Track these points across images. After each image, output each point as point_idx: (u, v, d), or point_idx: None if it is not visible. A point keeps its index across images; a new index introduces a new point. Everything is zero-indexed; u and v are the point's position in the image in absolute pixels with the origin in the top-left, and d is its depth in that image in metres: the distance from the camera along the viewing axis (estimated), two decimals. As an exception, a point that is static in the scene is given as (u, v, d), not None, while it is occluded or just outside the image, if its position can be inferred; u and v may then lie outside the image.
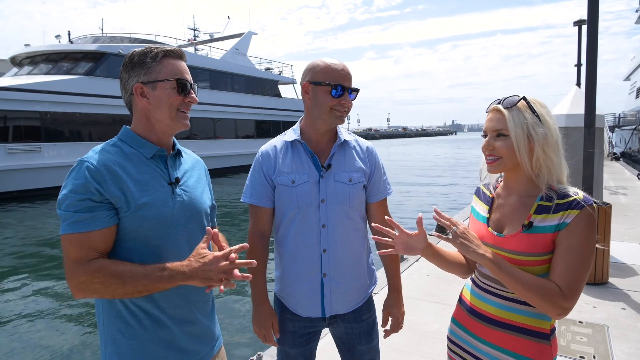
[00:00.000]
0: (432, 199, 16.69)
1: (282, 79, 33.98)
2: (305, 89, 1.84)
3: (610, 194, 11.36)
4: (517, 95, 1.47)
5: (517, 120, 1.43)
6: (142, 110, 1.52)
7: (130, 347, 1.43)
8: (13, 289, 7.60)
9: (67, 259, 1.34)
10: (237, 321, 5.86)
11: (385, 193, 1.98)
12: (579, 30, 13.18)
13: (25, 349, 5.30)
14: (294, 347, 1.95)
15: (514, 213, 1.51)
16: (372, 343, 2.02)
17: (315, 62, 1.83)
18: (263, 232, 1.94)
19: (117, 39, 24.13)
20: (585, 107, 5.09)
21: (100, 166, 1.37)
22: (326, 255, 1.85)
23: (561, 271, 1.36)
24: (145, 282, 1.32)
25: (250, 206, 1.93)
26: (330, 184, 1.84)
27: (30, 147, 18.26)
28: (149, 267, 1.34)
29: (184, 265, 1.35)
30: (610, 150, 24.81)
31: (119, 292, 1.33)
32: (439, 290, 4.91)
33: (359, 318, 1.97)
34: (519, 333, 1.46)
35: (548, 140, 1.42)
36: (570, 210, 1.37)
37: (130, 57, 1.50)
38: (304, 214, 1.84)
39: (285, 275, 1.93)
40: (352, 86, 1.83)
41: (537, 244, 1.41)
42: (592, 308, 4.31)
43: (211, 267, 1.32)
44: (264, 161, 1.90)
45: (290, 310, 1.95)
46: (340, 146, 1.90)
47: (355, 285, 1.93)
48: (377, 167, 1.95)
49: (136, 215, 1.40)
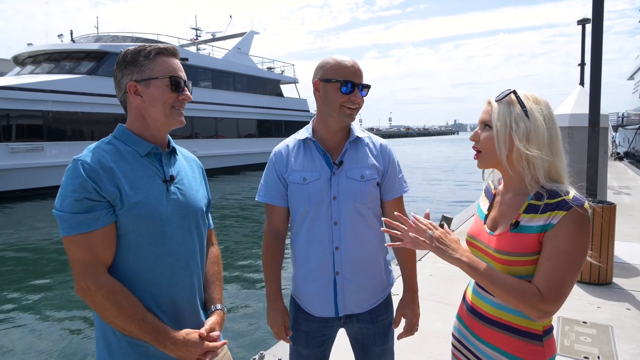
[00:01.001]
0: (443, 196, 16.68)
1: (284, 79, 33.97)
2: (316, 86, 1.84)
3: (614, 193, 11.33)
4: (510, 88, 1.46)
5: (501, 113, 1.41)
6: (137, 108, 1.52)
7: (119, 344, 1.44)
8: (13, 287, 7.61)
9: (74, 260, 1.37)
10: (240, 320, 5.86)
11: (401, 191, 1.94)
12: (583, 29, 13.14)
13: (26, 345, 5.31)
14: (306, 347, 1.94)
15: (507, 211, 1.49)
16: (387, 345, 1.98)
17: (326, 60, 1.82)
18: (278, 231, 1.95)
19: (120, 38, 24.14)
20: (589, 106, 5.07)
21: (95, 164, 1.38)
22: (338, 253, 1.83)
23: (544, 274, 1.33)
24: (135, 330, 1.37)
25: (265, 205, 1.94)
26: (342, 180, 1.82)
27: (33, 146, 18.29)
28: (147, 318, 1.39)
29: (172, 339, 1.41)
30: (613, 150, 24.74)
31: (107, 318, 1.38)
32: (441, 289, 4.89)
33: (375, 319, 1.93)
34: (510, 332, 1.44)
35: (531, 137, 1.38)
36: (557, 211, 1.33)
37: (124, 55, 1.50)
38: (316, 211, 1.82)
39: (298, 273, 1.93)
40: (363, 82, 1.81)
41: (523, 244, 1.38)
42: (596, 308, 4.29)
43: (192, 349, 1.42)
44: (276, 160, 1.91)
45: (304, 310, 1.93)
46: (352, 143, 1.88)
47: (369, 284, 1.90)
48: (391, 165, 1.92)
49: (131, 212, 1.40)
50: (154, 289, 1.46)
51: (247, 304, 6.43)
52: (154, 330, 1.38)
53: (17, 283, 7.86)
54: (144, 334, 1.38)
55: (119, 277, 1.41)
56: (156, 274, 1.46)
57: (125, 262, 1.43)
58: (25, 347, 5.31)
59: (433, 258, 6.11)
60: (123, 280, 1.41)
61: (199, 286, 1.63)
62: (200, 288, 1.64)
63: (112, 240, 1.40)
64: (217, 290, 1.70)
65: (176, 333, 1.42)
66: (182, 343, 1.41)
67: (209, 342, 1.47)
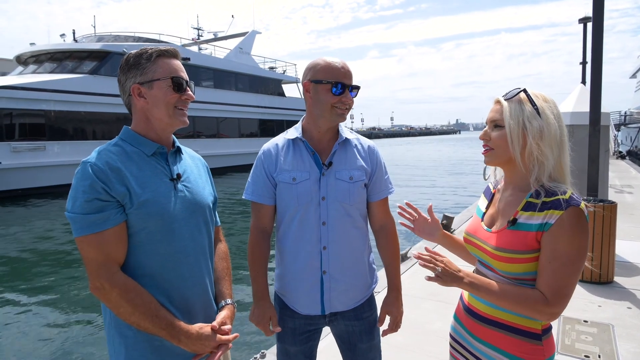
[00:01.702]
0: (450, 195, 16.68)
1: (286, 78, 34.00)
2: (306, 87, 1.85)
3: (616, 192, 11.30)
4: (519, 87, 1.47)
5: (514, 112, 1.42)
6: (141, 109, 1.56)
7: (136, 339, 1.47)
8: (20, 286, 7.64)
9: (88, 260, 1.40)
10: (241, 318, 5.86)
11: (386, 192, 1.98)
12: (584, 27, 13.12)
13: (34, 343, 5.33)
14: (294, 344, 1.96)
15: (505, 208, 1.50)
16: (374, 341, 2.02)
17: (316, 61, 1.84)
18: (264, 229, 1.96)
19: (122, 38, 24.17)
20: (590, 104, 5.06)
21: (103, 165, 1.41)
22: (326, 252, 1.86)
23: (548, 278, 1.34)
24: (149, 325, 1.41)
25: (252, 203, 1.96)
26: (331, 181, 1.85)
27: (35, 145, 18.36)
28: (161, 313, 1.43)
29: (186, 333, 1.45)
30: (616, 148, 24.67)
31: (122, 315, 1.41)
32: (441, 289, 4.87)
33: (360, 316, 1.97)
34: (509, 332, 1.45)
35: (544, 135, 1.39)
36: (554, 211, 1.34)
37: (126, 59, 1.54)
38: (305, 211, 1.85)
39: (285, 272, 1.94)
40: (353, 83, 1.84)
41: (520, 241, 1.39)
42: (597, 307, 4.29)
43: (205, 342, 1.48)
44: (265, 159, 1.92)
45: (290, 308, 1.96)
46: (341, 144, 1.91)
47: (355, 283, 1.93)
48: (378, 166, 1.96)
49: (140, 211, 1.44)
50: (166, 285, 1.50)
51: (249, 302, 6.43)
52: (167, 325, 1.42)
53: (22, 282, 7.90)
54: (158, 329, 1.41)
55: (131, 274, 1.45)
56: (167, 271, 1.50)
57: (137, 260, 1.47)
58: (34, 341, 5.34)
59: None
60: (135, 277, 1.45)
61: (210, 281, 1.67)
62: (211, 283, 1.69)
63: (123, 238, 1.43)
64: (226, 285, 1.74)
65: (190, 327, 1.46)
66: (196, 337, 1.46)
67: (221, 335, 1.53)
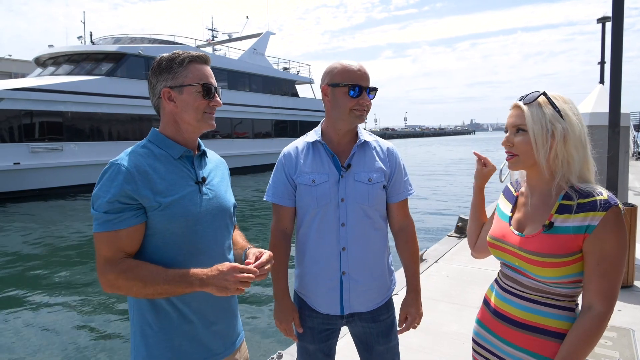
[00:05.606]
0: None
1: (300, 79, 34.05)
2: (324, 91, 1.89)
3: (635, 195, 11.08)
4: (538, 91, 1.46)
5: (536, 116, 1.41)
6: (170, 113, 1.57)
7: (157, 338, 1.50)
8: (43, 283, 7.76)
9: (98, 256, 1.43)
10: (259, 319, 5.89)
11: (406, 193, 2.00)
12: (603, 27, 12.91)
13: (60, 338, 5.42)
14: (313, 342, 1.99)
15: (535, 212, 1.48)
16: (391, 344, 2.02)
17: (333, 65, 1.88)
18: (285, 231, 2.00)
19: (138, 39, 24.44)
20: (609, 106, 4.97)
21: (132, 167, 1.44)
22: (345, 253, 1.88)
23: (599, 281, 1.34)
24: (165, 287, 1.39)
25: (272, 205, 2.00)
26: (350, 183, 1.87)
27: (53, 146, 18.68)
28: (170, 271, 1.40)
29: (202, 273, 1.39)
30: (635, 149, 24.24)
31: (141, 293, 1.41)
32: (457, 291, 4.86)
33: (377, 318, 1.98)
34: (541, 335, 1.43)
35: (569, 136, 1.39)
36: (595, 212, 1.32)
37: (159, 62, 1.56)
38: (324, 212, 1.87)
39: (305, 273, 1.97)
40: (370, 85, 1.86)
41: (559, 245, 1.37)
42: (617, 311, 4.21)
43: (227, 277, 1.37)
44: (286, 161, 1.96)
45: (309, 306, 1.98)
46: (360, 146, 1.93)
47: (374, 284, 1.95)
48: (397, 168, 1.98)
49: (165, 213, 1.46)
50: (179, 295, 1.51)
51: (266, 303, 6.45)
52: (181, 277, 1.38)
53: (48, 277, 8.02)
54: (175, 285, 1.38)
55: None
56: None
57: (161, 261, 1.47)
58: (61, 336, 5.42)
59: (449, 260, 6.06)
60: None
61: None
62: None
63: (137, 239, 1.46)
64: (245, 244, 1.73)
65: (207, 268, 1.40)
66: (216, 271, 1.38)
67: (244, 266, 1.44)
